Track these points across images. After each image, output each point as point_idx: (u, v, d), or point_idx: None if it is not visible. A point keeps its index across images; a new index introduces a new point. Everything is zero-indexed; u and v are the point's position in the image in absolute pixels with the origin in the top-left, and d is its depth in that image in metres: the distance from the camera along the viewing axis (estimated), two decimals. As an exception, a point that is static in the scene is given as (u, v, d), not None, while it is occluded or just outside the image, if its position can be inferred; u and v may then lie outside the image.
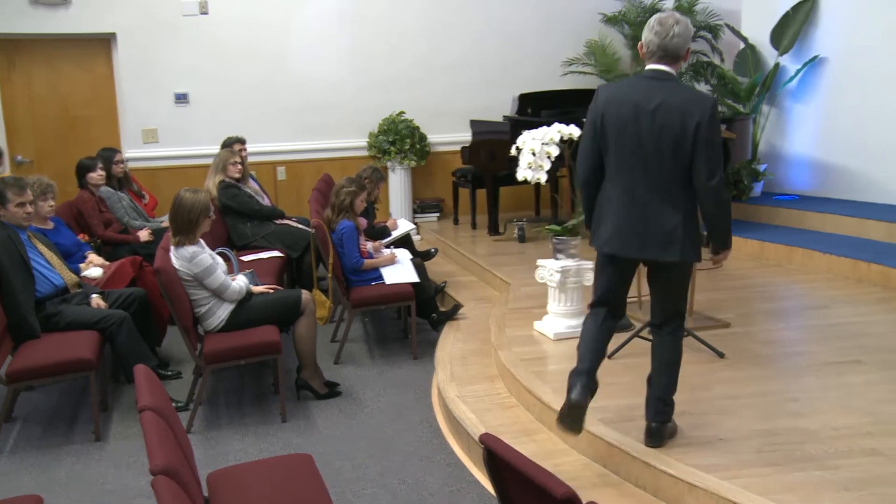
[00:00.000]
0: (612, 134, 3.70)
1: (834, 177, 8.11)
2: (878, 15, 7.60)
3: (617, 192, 3.74)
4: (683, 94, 3.63)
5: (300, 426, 5.01)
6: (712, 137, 3.56)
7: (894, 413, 4.08)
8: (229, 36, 9.02)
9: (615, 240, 3.76)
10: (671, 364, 3.89)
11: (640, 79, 3.74)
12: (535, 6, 9.67)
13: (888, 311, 5.73)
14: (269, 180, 9.05)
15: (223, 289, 5.13)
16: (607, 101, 3.73)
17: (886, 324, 5.48)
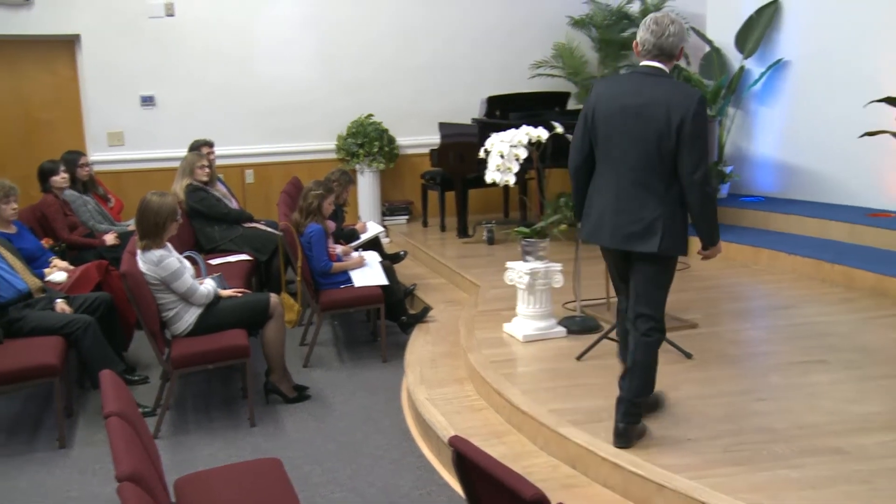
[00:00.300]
0: (601, 127, 3.83)
1: (798, 178, 8.20)
2: (839, 19, 7.70)
3: (603, 183, 3.85)
4: (671, 89, 3.73)
5: (269, 430, 4.98)
6: (696, 131, 3.64)
7: (858, 412, 4.13)
8: (196, 38, 8.96)
9: (599, 231, 3.86)
10: (644, 366, 3.88)
11: (633, 74, 3.86)
12: (502, 9, 9.70)
13: (851, 311, 5.81)
14: (237, 183, 8.99)
15: (191, 293, 5.09)
16: (599, 94, 3.88)
17: (849, 323, 5.55)
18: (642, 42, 3.78)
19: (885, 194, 7.44)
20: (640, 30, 3.81)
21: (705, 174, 3.66)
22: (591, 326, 5.49)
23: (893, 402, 4.29)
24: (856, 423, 4.00)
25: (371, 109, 9.40)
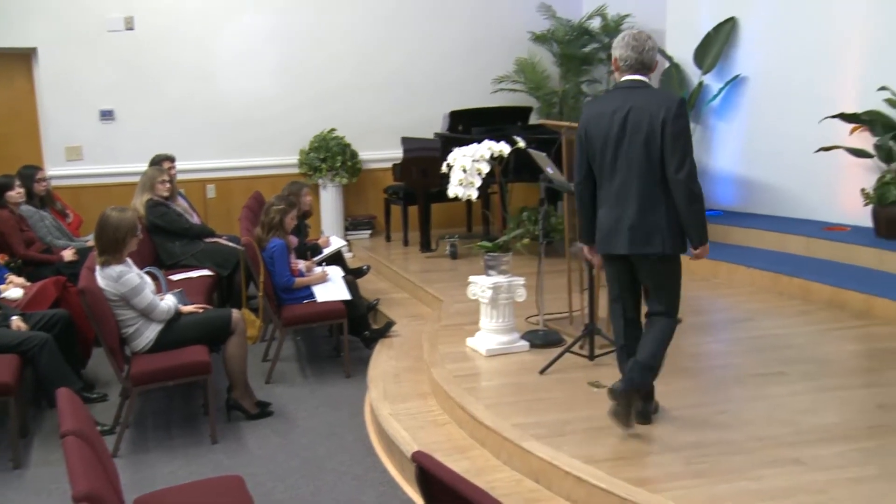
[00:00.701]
0: (596, 144, 4.04)
1: (756, 193, 8.31)
2: (794, 36, 7.83)
3: (605, 195, 4.06)
4: (652, 96, 3.99)
5: (231, 447, 4.93)
6: (678, 131, 3.87)
7: (815, 423, 4.19)
8: (156, 52, 8.90)
9: (613, 240, 4.04)
10: (659, 338, 4.09)
11: (616, 90, 4.09)
12: (465, 24, 9.75)
13: (808, 324, 5.89)
14: (198, 198, 8.92)
15: (151, 308, 5.03)
16: (589, 115, 4.10)
17: (807, 335, 5.63)
18: (623, 58, 4.02)
19: (841, 208, 7.57)
20: (617, 48, 4.04)
21: (690, 173, 3.86)
22: (554, 340, 5.51)
23: (849, 412, 4.37)
24: (813, 434, 4.05)
25: (334, 124, 9.39)
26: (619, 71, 4.07)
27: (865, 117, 7.03)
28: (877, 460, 3.78)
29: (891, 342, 5.44)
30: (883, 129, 6.92)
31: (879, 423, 4.20)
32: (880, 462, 3.76)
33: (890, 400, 4.51)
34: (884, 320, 5.84)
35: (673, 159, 3.85)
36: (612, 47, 4.12)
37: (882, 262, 6.58)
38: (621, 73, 4.06)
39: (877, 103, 7.01)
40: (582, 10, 9.78)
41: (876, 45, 7.21)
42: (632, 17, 9.28)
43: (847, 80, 7.44)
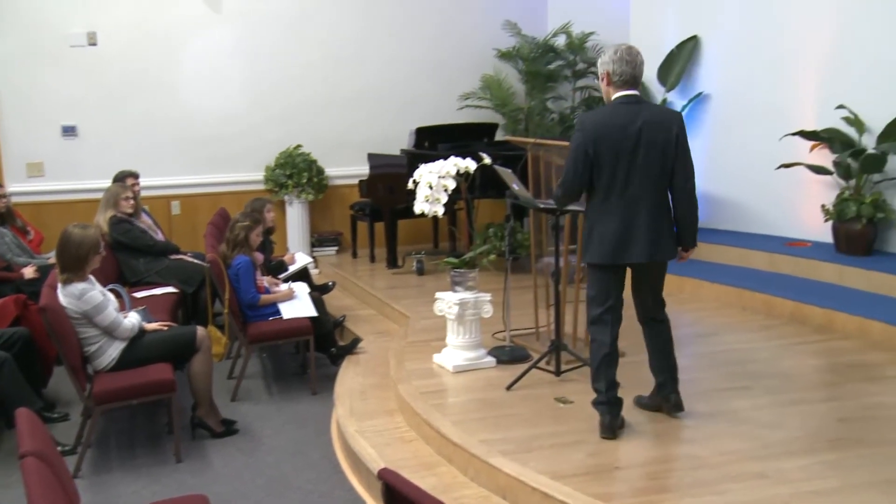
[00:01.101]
0: (607, 156, 4.12)
1: (720, 209, 8.40)
2: (755, 55, 7.95)
3: (613, 207, 4.16)
4: (658, 111, 4.34)
5: (196, 466, 4.88)
6: (687, 144, 4.18)
7: (779, 437, 4.24)
8: (120, 67, 8.83)
9: (625, 249, 4.18)
10: (672, 343, 4.51)
11: (618, 105, 4.19)
12: (431, 41, 9.79)
13: (771, 338, 5.96)
14: (163, 215, 8.85)
15: (114, 326, 4.98)
16: (596, 127, 4.15)
17: (770, 350, 5.70)
18: (619, 73, 4.14)
19: (802, 224, 7.67)
20: (610, 62, 4.15)
21: (694, 183, 4.23)
22: (521, 356, 5.53)
23: (811, 426, 4.42)
24: (777, 448, 4.10)
25: (300, 140, 9.37)
26: (612, 85, 4.19)
27: (824, 135, 7.14)
28: (838, 473, 3.82)
29: (851, 356, 5.52)
30: (841, 146, 7.03)
31: (840, 437, 4.26)
32: (841, 475, 3.80)
33: (850, 413, 4.57)
34: (843, 334, 5.92)
35: (684, 170, 4.17)
36: (603, 62, 4.20)
37: (842, 278, 6.68)
38: (615, 87, 4.18)
39: (835, 121, 7.13)
40: (547, 27, 9.86)
41: (833, 65, 7.34)
42: (596, 35, 9.38)
43: (807, 99, 7.56)
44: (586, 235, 4.29)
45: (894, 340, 5.63)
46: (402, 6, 9.68)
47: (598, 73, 4.28)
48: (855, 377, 5.13)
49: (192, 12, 9.03)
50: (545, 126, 9.65)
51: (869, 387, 4.96)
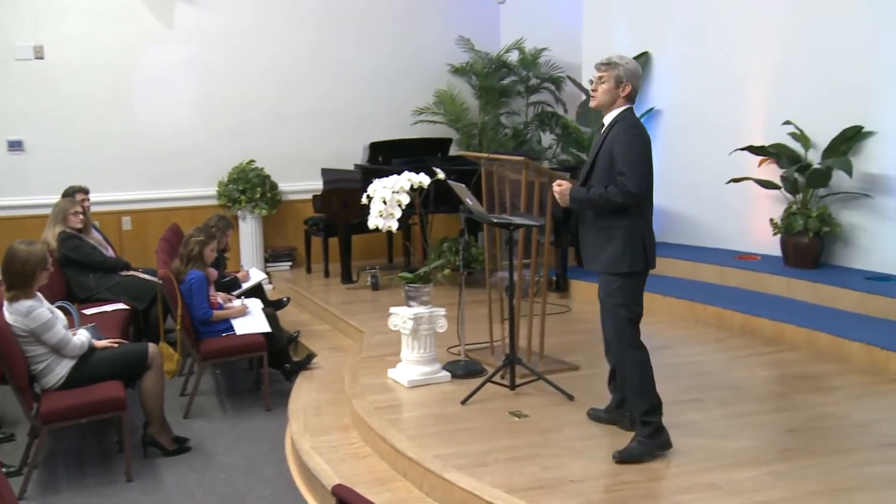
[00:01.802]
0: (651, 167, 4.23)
1: (671, 222, 8.52)
2: (704, 71, 8.09)
3: (649, 216, 4.30)
4: None
5: (147, 485, 4.81)
6: None
7: (731, 448, 4.29)
8: (68, 81, 8.72)
9: (654, 255, 4.28)
10: None
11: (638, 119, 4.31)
12: (384, 57, 9.81)
13: (723, 351, 6.04)
14: (113, 230, 8.73)
15: (63, 344, 4.89)
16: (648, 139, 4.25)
17: (722, 362, 5.78)
18: (636, 90, 4.24)
19: (751, 238, 7.80)
20: (635, 77, 4.21)
21: None
22: (476, 370, 5.53)
23: (762, 437, 4.48)
24: (728, 459, 4.15)
25: (253, 155, 9.32)
26: (626, 98, 4.22)
27: (772, 150, 7.28)
28: (787, 483, 3.88)
29: (799, 367, 5.62)
30: (788, 161, 7.17)
31: (789, 447, 4.32)
32: (790, 485, 3.86)
33: (798, 424, 4.65)
34: (792, 346, 6.02)
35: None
36: (630, 72, 4.19)
37: (790, 290, 6.80)
38: (626, 101, 4.22)
39: (782, 137, 7.28)
40: (500, 43, 9.95)
41: (780, 81, 7.50)
42: (549, 52, 9.47)
43: (755, 114, 7.70)
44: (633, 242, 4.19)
45: (840, 352, 5.74)
46: (355, 22, 9.70)
47: (619, 78, 4.18)
48: (803, 388, 5.22)
49: (143, 27, 8.95)
50: (499, 141, 9.71)
51: (817, 397, 5.05)
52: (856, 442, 4.41)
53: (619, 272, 4.21)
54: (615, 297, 4.24)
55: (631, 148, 4.13)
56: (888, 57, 6.70)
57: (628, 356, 4.27)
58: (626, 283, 4.22)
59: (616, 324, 4.27)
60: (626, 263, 4.18)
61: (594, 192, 4.19)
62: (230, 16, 9.25)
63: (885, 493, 3.80)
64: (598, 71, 4.25)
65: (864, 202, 6.90)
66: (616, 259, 4.20)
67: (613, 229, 4.20)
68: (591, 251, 4.37)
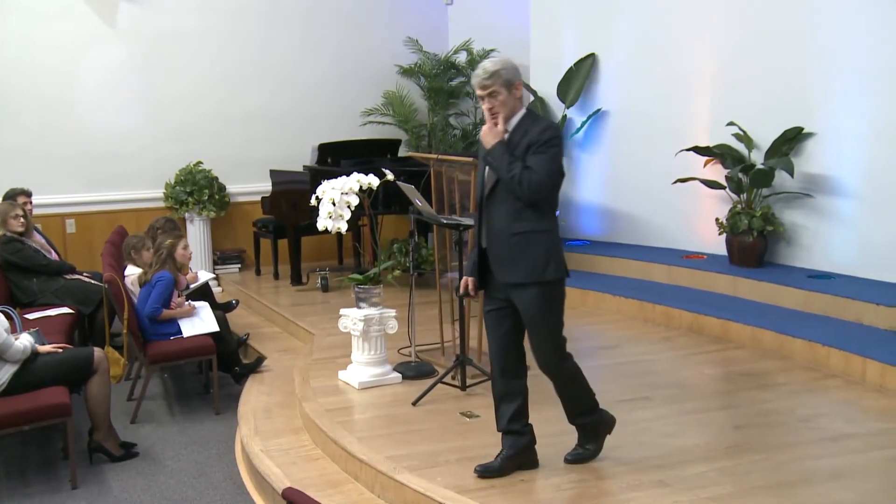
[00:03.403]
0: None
1: (620, 223, 8.61)
2: (650, 73, 8.19)
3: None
4: None
5: (93, 492, 4.73)
6: None
7: (678, 445, 4.36)
8: (9, 82, 8.52)
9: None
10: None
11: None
12: (333, 57, 9.76)
13: (671, 349, 6.13)
14: (57, 233, 8.56)
15: (4, 348, 4.78)
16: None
17: (670, 361, 5.86)
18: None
19: (698, 237, 7.92)
20: (518, 73, 3.95)
21: None
22: (427, 371, 5.54)
23: (709, 434, 4.56)
24: (677, 457, 4.21)
25: (200, 156, 9.21)
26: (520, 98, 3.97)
27: (717, 151, 7.40)
28: (734, 479, 3.95)
29: (745, 365, 5.72)
30: (733, 161, 7.29)
31: (736, 443, 4.40)
32: (737, 480, 3.94)
33: (744, 421, 4.74)
34: (738, 344, 6.13)
35: None
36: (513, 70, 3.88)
37: (736, 289, 6.91)
38: (520, 101, 3.96)
39: (726, 137, 7.40)
40: (448, 44, 9.97)
41: (724, 83, 7.62)
42: (497, 52, 9.47)
43: (700, 115, 7.82)
44: (553, 250, 3.94)
45: (784, 349, 5.86)
46: (302, 22, 9.64)
47: (509, 82, 3.86)
48: (749, 385, 5.32)
49: (86, 27, 8.79)
50: (448, 142, 9.73)
51: (762, 394, 5.15)
52: (799, 437, 4.50)
53: (547, 280, 3.91)
54: (553, 306, 3.99)
55: (548, 147, 3.83)
56: (829, 59, 6.86)
57: (565, 370, 4.09)
58: (557, 297, 4.00)
59: (552, 336, 4.03)
60: (552, 270, 3.91)
61: (514, 160, 3.82)
62: (175, 16, 9.13)
63: (827, 485, 3.89)
64: (484, 88, 3.85)
65: (806, 202, 7.04)
66: (542, 266, 3.89)
67: (535, 234, 3.88)
68: (505, 260, 3.93)
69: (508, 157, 3.84)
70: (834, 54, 6.82)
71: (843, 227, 6.87)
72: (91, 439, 5.13)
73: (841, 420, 4.71)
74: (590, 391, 4.17)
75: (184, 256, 6.16)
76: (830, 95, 6.88)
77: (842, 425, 4.63)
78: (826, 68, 6.88)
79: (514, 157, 3.84)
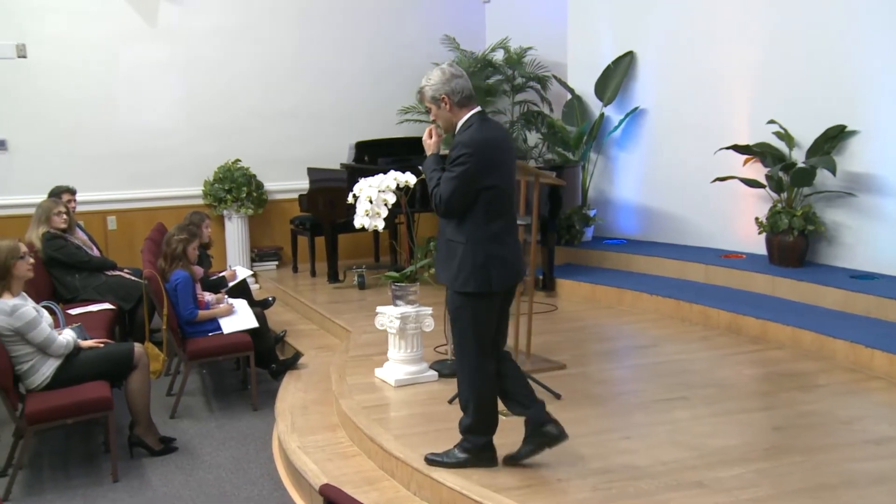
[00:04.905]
0: (499, 173, 3.95)
1: (657, 221, 8.55)
2: (688, 70, 8.12)
3: (505, 227, 3.98)
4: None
5: (133, 486, 4.79)
6: None
7: (717, 446, 4.31)
8: (52, 80, 8.65)
9: (511, 273, 3.98)
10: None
11: (487, 119, 4.06)
12: (369, 55, 9.79)
13: (708, 349, 6.07)
14: (98, 230, 8.67)
15: (48, 343, 4.87)
16: (487, 142, 3.95)
17: (707, 360, 5.80)
18: (461, 90, 4.01)
19: (737, 236, 7.84)
20: (442, 83, 3.99)
21: None
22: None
23: (747, 435, 4.51)
24: (714, 457, 4.17)
25: (238, 154, 9.29)
26: (458, 106, 4.01)
27: (757, 149, 7.32)
28: (772, 481, 3.90)
29: (784, 365, 5.65)
30: (773, 160, 7.21)
31: (774, 445, 4.35)
32: (776, 482, 3.89)
33: (783, 422, 4.68)
34: (777, 344, 6.06)
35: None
36: (433, 86, 3.98)
37: (775, 289, 6.84)
38: (460, 108, 4.01)
39: (767, 136, 7.32)
40: (485, 42, 9.95)
41: (765, 80, 7.54)
42: (534, 50, 9.47)
43: (739, 113, 7.74)
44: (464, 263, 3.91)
45: (824, 350, 5.78)
46: (340, 20, 9.68)
47: (434, 98, 4.00)
48: (788, 386, 5.25)
49: (127, 26, 8.89)
50: (484, 140, 9.69)
51: (802, 395, 5.08)
52: (840, 439, 4.43)
53: (461, 291, 3.93)
54: (459, 315, 4.00)
55: (455, 164, 3.92)
56: (872, 56, 6.76)
57: (467, 369, 4.02)
58: (467, 303, 3.95)
59: (460, 341, 4.03)
60: (460, 282, 3.92)
61: (434, 176, 4.00)
62: (214, 14, 9.22)
63: (870, 489, 3.83)
64: (424, 106, 4.11)
65: (849, 201, 6.94)
66: (453, 276, 3.94)
67: (454, 244, 3.95)
68: (439, 262, 4.08)
69: (431, 170, 4.03)
70: (876, 50, 6.72)
71: (886, 226, 6.77)
72: (131, 433, 5.20)
73: (885, 423, 4.63)
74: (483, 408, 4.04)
75: (194, 254, 6.17)
76: (874, 93, 6.78)
77: (886, 428, 4.55)
78: (868, 65, 6.78)
79: (438, 170, 4.01)
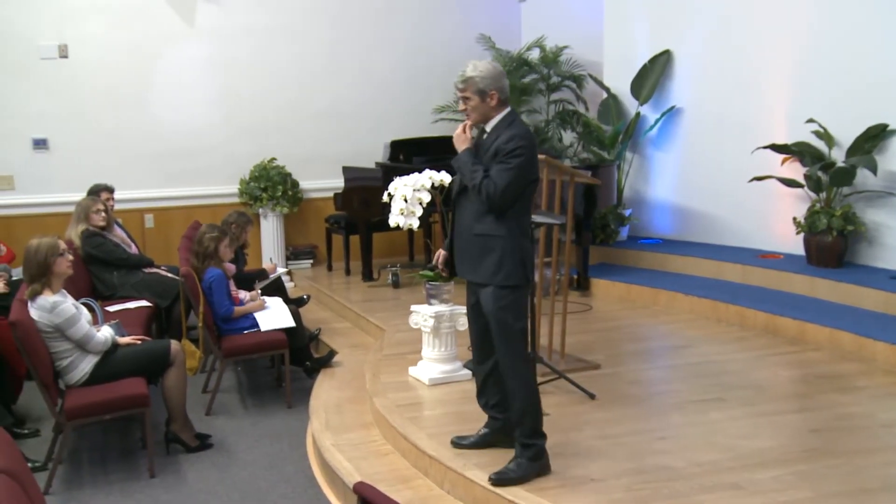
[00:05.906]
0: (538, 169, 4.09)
1: (693, 221, 8.48)
2: (726, 69, 8.04)
3: (528, 222, 4.08)
4: None
5: (169, 481, 4.84)
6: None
7: (753, 448, 4.27)
8: (92, 80, 8.77)
9: (533, 269, 4.04)
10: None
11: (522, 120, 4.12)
12: (404, 54, 9.81)
13: (745, 350, 6.01)
14: (136, 228, 8.78)
15: (87, 339, 4.93)
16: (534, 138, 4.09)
17: (744, 361, 5.74)
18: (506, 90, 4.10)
19: (774, 236, 7.75)
20: (494, 79, 4.04)
21: None
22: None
23: (784, 437, 4.46)
24: (750, 459, 4.12)
25: (274, 153, 9.35)
26: (500, 104, 4.07)
27: (795, 148, 7.23)
28: (810, 483, 3.86)
29: (822, 367, 5.58)
30: (811, 159, 7.12)
31: (812, 447, 4.29)
32: (814, 485, 3.84)
33: (821, 424, 4.61)
34: (815, 346, 5.98)
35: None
36: (487, 82, 4.01)
37: (813, 289, 6.74)
38: (500, 106, 4.07)
39: (805, 135, 7.22)
40: (521, 41, 9.92)
41: (803, 79, 7.44)
42: (570, 49, 9.43)
43: (777, 112, 7.65)
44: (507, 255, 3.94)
45: (863, 351, 5.70)
46: (375, 19, 9.71)
47: (482, 91, 4.01)
48: (826, 388, 5.18)
49: (166, 26, 9.00)
50: (520, 140, 9.67)
51: (840, 397, 5.01)
52: (880, 442, 4.37)
53: (505, 284, 3.94)
54: (505, 311, 3.96)
55: (511, 157, 3.89)
56: (913, 54, 6.65)
57: (520, 372, 4.02)
58: (512, 296, 3.96)
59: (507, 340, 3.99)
60: (503, 276, 3.93)
61: (477, 169, 3.93)
62: (251, 14, 9.29)
63: (909, 494, 3.77)
64: (459, 90, 4.07)
65: (890, 201, 6.84)
66: (493, 271, 3.95)
67: (491, 238, 3.94)
68: (466, 259, 4.09)
69: (472, 164, 3.97)
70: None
71: (928, 227, 6.66)
72: (168, 430, 5.25)
73: (926, 426, 4.57)
74: (539, 412, 4.05)
75: (226, 252, 6.21)
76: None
77: (927, 432, 4.49)
78: (911, 63, 6.67)
79: (478, 164, 3.96)
